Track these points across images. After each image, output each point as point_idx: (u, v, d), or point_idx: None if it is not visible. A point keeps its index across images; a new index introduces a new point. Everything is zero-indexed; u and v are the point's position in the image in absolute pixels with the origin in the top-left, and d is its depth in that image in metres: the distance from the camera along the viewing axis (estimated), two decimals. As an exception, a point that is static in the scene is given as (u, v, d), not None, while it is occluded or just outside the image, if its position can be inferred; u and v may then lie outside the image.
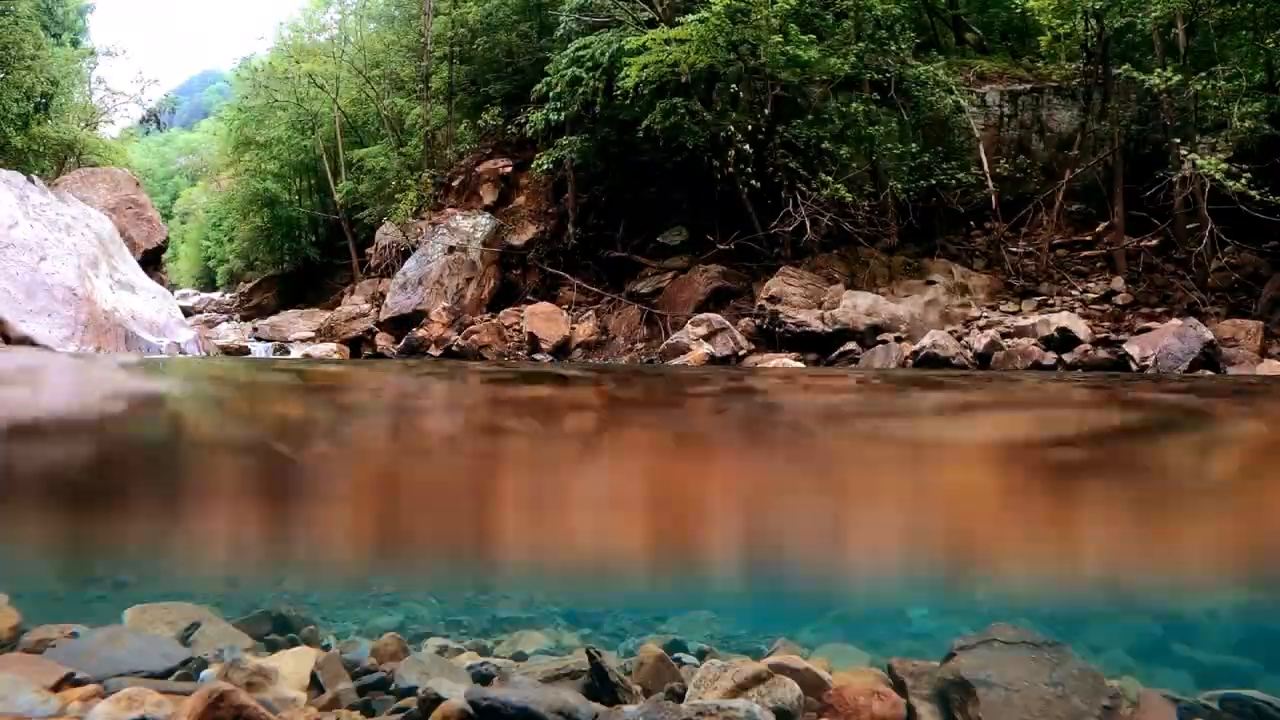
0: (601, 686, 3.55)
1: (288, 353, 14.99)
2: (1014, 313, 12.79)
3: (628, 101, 14.18)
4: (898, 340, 11.92)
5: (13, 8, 21.24)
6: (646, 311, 15.06)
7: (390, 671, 3.89)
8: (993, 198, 13.92)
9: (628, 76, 13.57)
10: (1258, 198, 10.91)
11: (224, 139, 32.64)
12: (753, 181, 14.16)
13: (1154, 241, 13.27)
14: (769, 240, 14.80)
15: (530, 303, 16.25)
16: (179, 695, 3.11)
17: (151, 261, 18.97)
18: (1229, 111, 11.80)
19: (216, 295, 33.43)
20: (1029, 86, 15.62)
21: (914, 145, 14.19)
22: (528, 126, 16.51)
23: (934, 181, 13.95)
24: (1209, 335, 10.28)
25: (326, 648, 4.38)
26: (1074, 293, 13.02)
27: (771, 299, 13.08)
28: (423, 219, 18.91)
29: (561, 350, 14.60)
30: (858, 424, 6.11)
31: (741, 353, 12.65)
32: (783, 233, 14.11)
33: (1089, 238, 14.24)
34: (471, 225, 18.04)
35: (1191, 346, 10.17)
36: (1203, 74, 12.18)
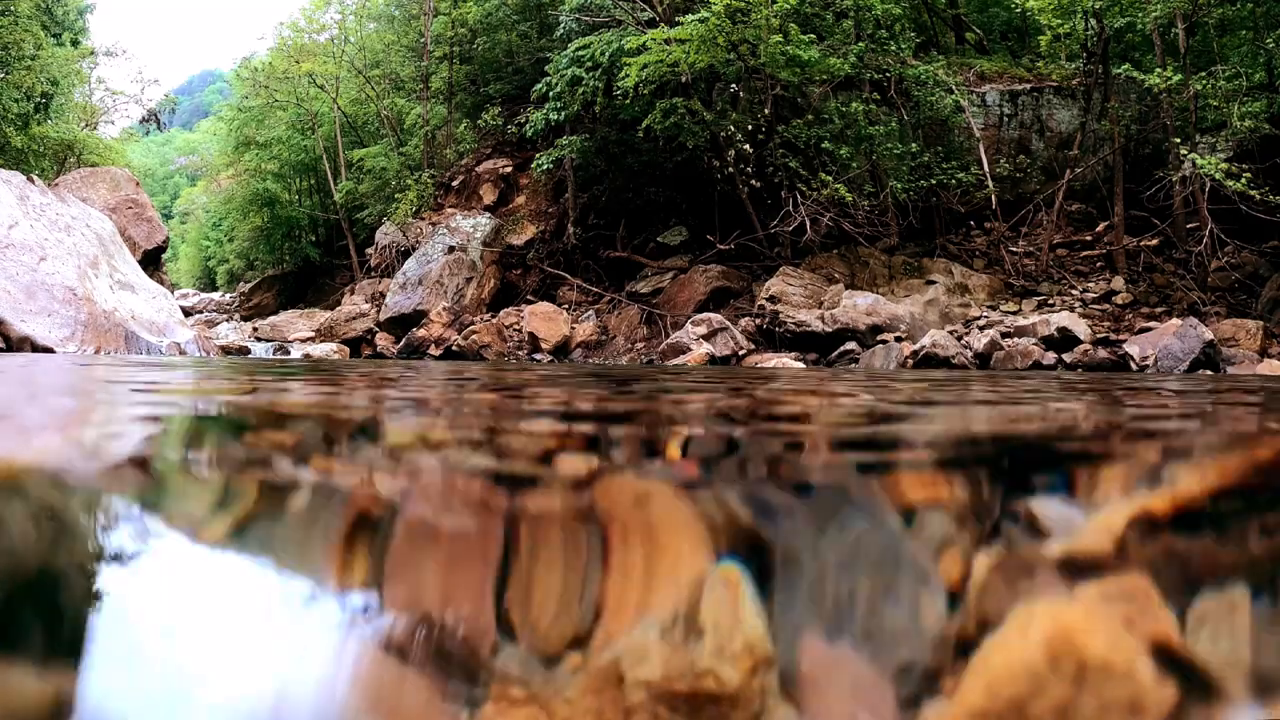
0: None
1: (288, 353, 14.98)
2: (1014, 312, 12.79)
3: (628, 101, 14.19)
4: (898, 340, 11.91)
5: (13, 8, 21.26)
6: (646, 311, 15.07)
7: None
8: (993, 198, 13.92)
9: (628, 76, 13.58)
10: (1258, 198, 10.92)
11: (224, 139, 32.66)
12: (753, 181, 14.17)
13: (1154, 241, 13.27)
14: (769, 240, 14.81)
15: (530, 303, 16.25)
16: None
17: (151, 261, 18.98)
18: (1229, 111, 11.80)
19: (216, 295, 33.44)
20: (1029, 86, 15.62)
21: (914, 145, 14.19)
22: (528, 126, 16.52)
23: (934, 181, 13.95)
24: (1209, 335, 10.28)
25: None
26: (1074, 292, 13.03)
27: (771, 299, 13.08)
28: (423, 219, 18.92)
29: (561, 350, 14.60)
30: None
31: (741, 352, 12.65)
32: (783, 233, 14.11)
33: (1089, 238, 14.25)
34: (471, 225, 18.05)
35: (1191, 346, 10.17)
36: (1203, 74, 12.19)
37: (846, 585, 1.06)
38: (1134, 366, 10.52)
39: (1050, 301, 12.93)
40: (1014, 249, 14.12)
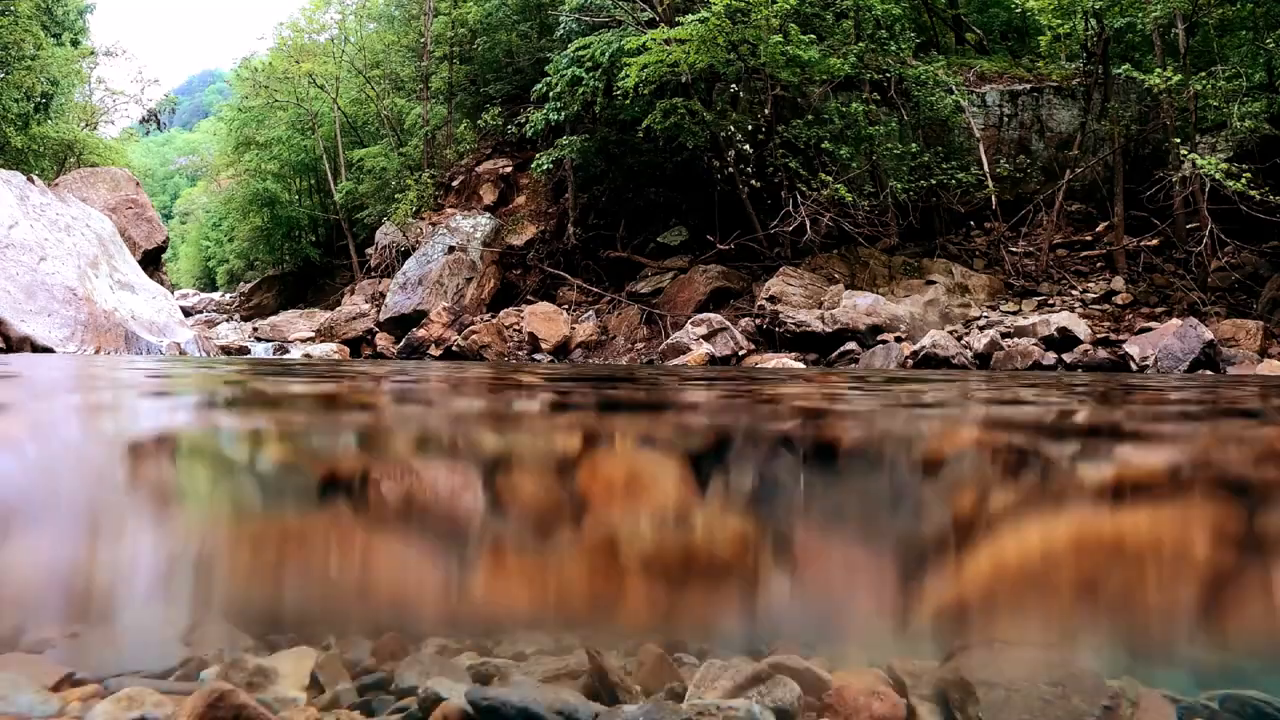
0: (601, 686, 3.54)
1: (287, 352, 14.98)
2: (1014, 313, 12.79)
3: (628, 101, 14.18)
4: (898, 340, 11.91)
5: (13, 8, 21.25)
6: (646, 311, 15.06)
7: (390, 671, 3.88)
8: (993, 198, 13.92)
9: (628, 76, 13.57)
10: (1258, 198, 10.91)
11: (224, 139, 32.66)
12: (753, 181, 14.16)
13: (1154, 241, 13.27)
14: (769, 240, 14.80)
15: (530, 303, 16.25)
16: (179, 695, 3.10)
17: (151, 261, 18.98)
18: (1229, 111, 11.80)
19: (216, 295, 33.45)
20: (1029, 86, 15.62)
21: (914, 145, 14.19)
22: (528, 126, 16.51)
23: (934, 181, 13.95)
24: (1209, 335, 10.28)
25: (327, 647, 4.37)
26: (1074, 293, 13.02)
27: (771, 299, 13.08)
28: (423, 219, 18.92)
29: (561, 350, 14.59)
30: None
31: (741, 353, 12.64)
32: (783, 233, 14.11)
33: (1089, 238, 14.24)
34: (471, 225, 18.05)
35: (1191, 346, 10.17)
36: (1203, 74, 12.18)
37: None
38: (1134, 367, 10.52)
39: (1050, 302, 12.92)
40: (1014, 249, 14.11)
